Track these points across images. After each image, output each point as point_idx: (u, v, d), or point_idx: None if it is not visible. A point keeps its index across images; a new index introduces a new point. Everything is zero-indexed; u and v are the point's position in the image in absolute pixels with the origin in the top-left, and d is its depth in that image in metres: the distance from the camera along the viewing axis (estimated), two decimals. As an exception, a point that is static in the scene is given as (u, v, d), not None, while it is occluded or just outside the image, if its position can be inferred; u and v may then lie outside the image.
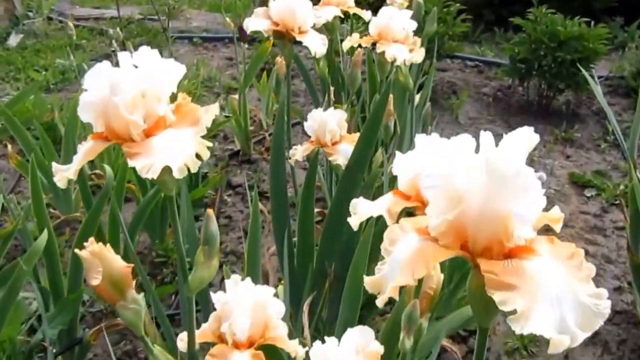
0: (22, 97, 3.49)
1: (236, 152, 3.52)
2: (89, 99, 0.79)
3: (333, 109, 1.80)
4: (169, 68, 0.82)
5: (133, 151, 0.76)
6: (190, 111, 0.80)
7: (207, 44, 5.32)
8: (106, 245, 0.91)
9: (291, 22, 1.70)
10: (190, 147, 0.75)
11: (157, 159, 0.74)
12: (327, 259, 1.82)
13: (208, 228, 0.92)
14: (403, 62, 1.62)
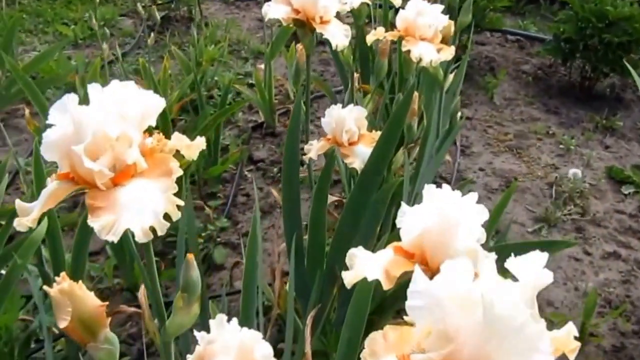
0: (46, 56, 3.44)
1: (260, 123, 3.42)
2: (52, 139, 0.69)
3: (360, 93, 1.67)
4: (146, 102, 0.72)
5: (96, 204, 0.66)
6: (164, 159, 0.70)
7: (239, 3, 5.16)
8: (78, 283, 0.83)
9: (312, 9, 1.55)
10: (159, 206, 0.65)
11: (120, 219, 0.64)
12: (338, 262, 1.73)
13: (188, 275, 0.83)
14: (430, 62, 1.48)
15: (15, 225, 0.72)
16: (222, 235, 2.64)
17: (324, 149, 1.65)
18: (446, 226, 0.75)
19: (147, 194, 0.67)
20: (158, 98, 0.73)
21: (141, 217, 0.65)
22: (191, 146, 0.77)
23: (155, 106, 0.73)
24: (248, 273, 1.37)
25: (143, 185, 0.68)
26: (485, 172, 3.15)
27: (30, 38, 4.35)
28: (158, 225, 0.65)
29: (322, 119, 1.67)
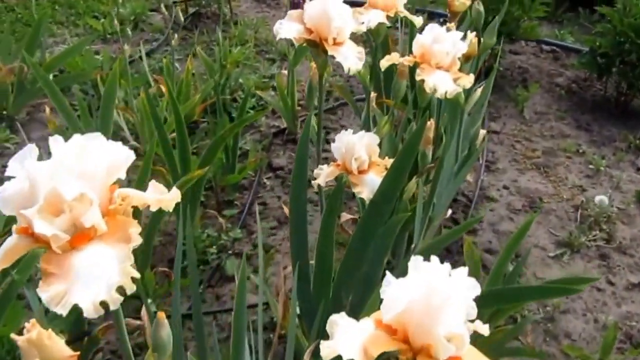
0: (72, 51, 3.45)
1: (282, 129, 3.37)
2: (8, 194, 0.66)
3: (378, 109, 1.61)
4: (110, 160, 0.68)
5: (49, 269, 0.63)
6: (124, 224, 0.66)
7: (270, 1, 5.11)
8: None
9: (325, 30, 1.49)
10: (113, 279, 0.61)
11: (71, 291, 0.60)
12: (344, 289, 1.68)
13: (158, 334, 0.79)
14: (444, 94, 1.40)
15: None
16: (236, 245, 2.60)
17: (333, 175, 1.59)
18: (431, 306, 0.69)
19: (103, 263, 0.63)
20: (126, 151, 0.69)
21: (93, 290, 0.61)
22: (162, 201, 0.72)
23: (124, 159, 0.69)
24: (235, 334, 1.33)
25: (100, 252, 0.64)
26: (509, 190, 3.05)
27: (61, 30, 4.39)
28: (110, 300, 0.61)
29: (332, 143, 1.61)
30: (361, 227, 1.58)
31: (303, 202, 1.66)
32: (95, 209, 0.64)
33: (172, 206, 0.77)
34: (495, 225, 2.81)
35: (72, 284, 0.61)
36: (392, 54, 1.55)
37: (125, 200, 0.68)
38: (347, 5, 1.52)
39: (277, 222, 2.77)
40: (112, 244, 0.64)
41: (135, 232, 0.64)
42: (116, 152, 0.68)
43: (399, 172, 1.47)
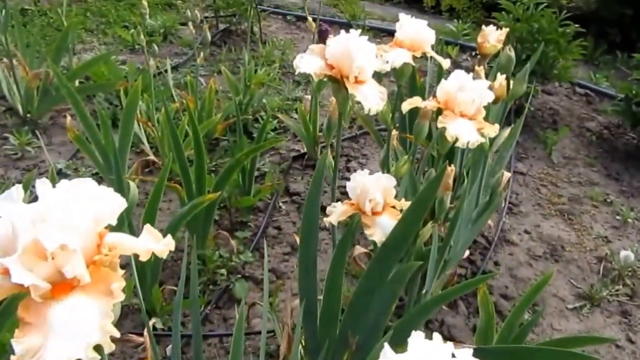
0: (98, 60, 3.46)
1: (302, 154, 3.33)
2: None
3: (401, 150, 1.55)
4: (99, 207, 0.63)
5: (26, 319, 0.58)
6: (107, 277, 0.61)
7: (300, 23, 5.11)
8: None
9: (347, 68, 1.43)
10: (92, 337, 0.57)
11: (46, 346, 0.56)
12: (352, 329, 1.61)
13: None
14: (467, 144, 1.34)
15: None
16: (247, 268, 2.55)
17: (346, 215, 1.53)
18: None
19: (82, 318, 0.58)
20: (117, 198, 0.65)
21: (69, 348, 0.56)
22: (153, 251, 0.68)
23: (114, 206, 0.64)
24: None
25: (79, 307, 0.59)
26: (530, 235, 2.96)
27: (90, 37, 4.42)
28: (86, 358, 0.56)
29: (347, 183, 1.56)
30: (371, 270, 1.52)
31: (314, 237, 1.61)
32: (78, 260, 0.60)
33: (165, 254, 0.72)
34: (514, 270, 2.72)
35: (48, 338, 0.56)
36: (414, 98, 1.49)
37: (112, 251, 0.63)
38: (371, 44, 1.48)
39: (290, 248, 2.72)
40: (94, 296, 0.59)
41: (118, 288, 0.59)
42: (106, 199, 0.64)
43: (414, 218, 1.40)
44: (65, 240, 0.59)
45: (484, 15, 5.60)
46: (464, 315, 2.45)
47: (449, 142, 1.41)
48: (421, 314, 1.52)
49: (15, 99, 3.25)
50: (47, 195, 0.62)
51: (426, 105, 1.45)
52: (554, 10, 3.66)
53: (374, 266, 1.50)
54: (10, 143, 3.09)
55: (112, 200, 0.64)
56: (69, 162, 3.05)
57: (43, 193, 0.62)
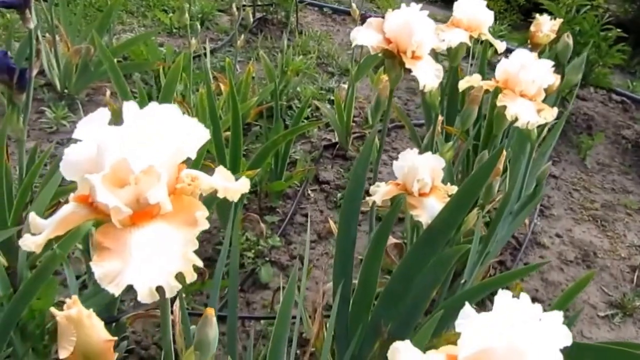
0: (139, 40, 3.48)
1: (333, 144, 3.31)
2: (73, 159, 0.60)
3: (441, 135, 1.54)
4: (186, 134, 0.62)
5: (104, 244, 0.56)
6: (190, 205, 0.59)
7: (336, 16, 5.09)
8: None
9: (405, 42, 1.42)
10: (174, 265, 0.55)
11: (126, 271, 0.54)
12: (384, 317, 1.58)
13: (204, 332, 0.72)
14: (526, 124, 1.31)
15: (20, 244, 0.63)
16: (273, 253, 2.54)
17: (391, 195, 1.51)
18: (515, 351, 0.60)
19: (163, 246, 0.56)
20: (202, 129, 0.63)
21: (149, 275, 0.54)
22: (229, 190, 0.66)
23: (198, 138, 0.63)
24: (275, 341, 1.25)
25: (161, 234, 0.57)
26: (562, 239, 2.90)
27: (130, 19, 4.45)
28: (167, 287, 0.54)
29: (394, 162, 1.53)
30: (413, 253, 1.49)
31: (354, 220, 1.58)
32: (162, 185, 0.58)
33: (237, 196, 0.71)
34: (544, 273, 2.67)
35: (128, 263, 0.55)
36: (473, 76, 1.47)
37: (194, 182, 0.62)
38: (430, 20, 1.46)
39: (317, 236, 2.70)
40: (176, 225, 0.58)
41: (202, 216, 0.58)
42: (192, 129, 0.62)
43: (464, 200, 1.37)
44: (152, 162, 0.58)
45: (520, 18, 5.54)
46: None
47: (505, 122, 1.38)
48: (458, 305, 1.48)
49: (54, 74, 3.27)
50: (134, 118, 0.60)
51: (484, 84, 1.42)
52: (596, 14, 3.61)
53: (416, 249, 1.47)
54: (47, 117, 3.11)
55: (196, 132, 0.62)
56: (103, 138, 3.07)
57: (130, 116, 0.60)
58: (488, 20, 1.57)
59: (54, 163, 2.09)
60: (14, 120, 1.94)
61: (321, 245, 2.63)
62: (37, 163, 2.05)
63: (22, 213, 2.00)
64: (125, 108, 0.61)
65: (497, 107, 1.37)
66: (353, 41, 1.48)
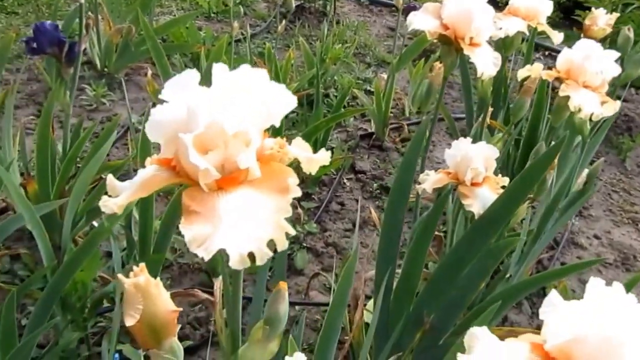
0: (178, 22, 3.49)
1: (369, 134, 3.28)
2: (160, 119, 0.59)
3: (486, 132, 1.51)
4: (275, 99, 0.60)
5: (192, 207, 0.55)
6: (281, 172, 0.58)
7: (372, 7, 5.05)
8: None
9: (464, 28, 1.39)
10: (266, 231, 0.53)
11: (217, 234, 0.53)
12: (427, 307, 1.56)
13: (275, 307, 0.71)
14: (589, 116, 1.28)
15: (100, 205, 0.62)
16: (309, 239, 2.53)
17: (441, 183, 1.48)
18: (610, 343, 0.57)
19: (254, 212, 0.55)
20: (290, 96, 0.61)
21: (240, 240, 0.52)
22: (312, 160, 0.64)
23: (285, 105, 0.61)
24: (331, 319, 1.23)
25: (251, 200, 0.56)
26: (600, 241, 2.84)
27: (169, 2, 4.46)
28: (259, 254, 0.53)
29: (446, 150, 1.50)
30: (461, 244, 1.47)
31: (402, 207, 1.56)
32: (252, 150, 0.57)
33: (317, 168, 0.69)
34: (583, 274, 2.61)
35: (218, 228, 0.53)
36: (534, 65, 1.43)
37: (283, 149, 0.60)
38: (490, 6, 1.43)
39: (351, 224, 2.68)
40: (266, 192, 0.56)
41: (293, 183, 0.56)
42: (281, 95, 0.60)
43: (519, 192, 1.34)
44: (243, 126, 0.56)
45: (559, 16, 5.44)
46: (528, 314, 2.38)
47: (565, 113, 1.35)
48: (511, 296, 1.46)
49: (95, 53, 3.29)
50: (225, 80, 0.59)
51: (545, 74, 1.38)
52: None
53: (466, 240, 1.44)
54: (87, 94, 3.14)
55: (284, 98, 0.61)
56: (141, 117, 3.08)
57: (219, 78, 0.59)
58: (547, 10, 1.53)
59: (99, 138, 2.11)
60: (61, 94, 1.95)
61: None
62: (81, 138, 2.06)
63: (65, 187, 2.02)
64: (215, 70, 0.59)
65: (558, 98, 1.33)
66: (409, 25, 1.45)
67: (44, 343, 1.78)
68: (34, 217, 1.58)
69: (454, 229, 1.85)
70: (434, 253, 2.25)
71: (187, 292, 1.99)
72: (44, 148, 1.95)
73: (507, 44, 1.58)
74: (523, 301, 2.42)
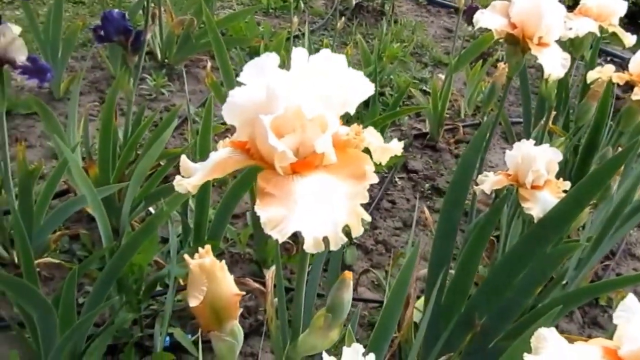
0: (238, 16, 3.54)
1: (423, 133, 3.25)
2: (239, 101, 0.60)
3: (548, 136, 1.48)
4: (353, 85, 0.60)
5: (267, 189, 0.56)
6: (357, 158, 0.58)
7: (430, 7, 5.00)
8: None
9: (533, 27, 1.36)
10: (341, 216, 0.53)
11: (292, 217, 0.53)
12: (480, 310, 1.54)
13: (340, 295, 0.71)
14: (664, 122, 1.23)
15: (174, 184, 0.64)
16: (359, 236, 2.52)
17: (501, 185, 1.46)
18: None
19: (330, 196, 0.55)
20: (368, 83, 0.61)
21: (316, 223, 0.53)
22: (386, 149, 0.64)
23: (362, 92, 0.61)
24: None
25: (327, 184, 0.56)
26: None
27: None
28: (333, 238, 0.53)
29: (507, 151, 1.48)
30: (518, 247, 1.44)
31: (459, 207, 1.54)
32: (329, 135, 0.57)
33: (387, 159, 0.69)
34: (638, 286, 2.52)
35: (294, 211, 0.54)
36: (605, 67, 1.39)
37: (358, 137, 0.60)
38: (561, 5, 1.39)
39: (402, 223, 2.66)
40: (342, 177, 0.56)
41: (370, 169, 0.56)
42: (359, 81, 0.61)
43: (582, 197, 1.31)
44: (321, 111, 0.57)
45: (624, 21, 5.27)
46: (579, 323, 2.31)
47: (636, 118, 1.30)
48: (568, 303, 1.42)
49: (156, 43, 3.37)
50: (304, 64, 0.59)
51: (617, 76, 1.34)
52: None
53: (523, 243, 1.41)
54: (147, 84, 3.22)
55: (362, 85, 0.61)
56: (198, 109, 3.14)
57: (299, 62, 0.59)
58: (621, 10, 1.48)
59: (159, 126, 2.16)
60: (126, 80, 2.01)
61: (406, 233, 2.60)
62: (142, 125, 2.12)
63: (124, 172, 2.08)
64: (294, 54, 0.60)
65: (629, 101, 1.29)
66: (476, 24, 1.43)
67: (98, 322, 1.83)
68: (96, 199, 1.63)
69: (508, 233, 1.81)
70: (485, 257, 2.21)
71: (239, 280, 2.02)
72: (106, 133, 2.01)
73: (575, 45, 1.54)
74: (574, 310, 2.35)
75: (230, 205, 1.91)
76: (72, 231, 2.06)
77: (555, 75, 1.34)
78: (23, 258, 1.49)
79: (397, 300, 1.24)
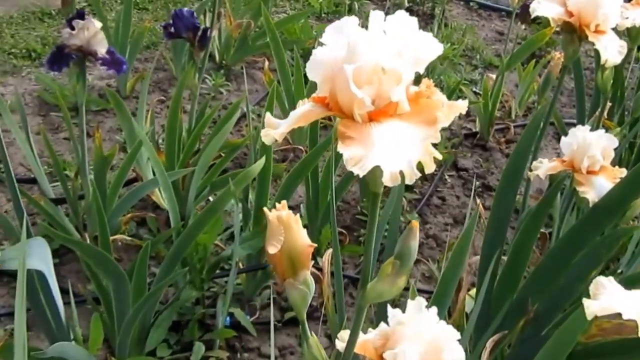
0: (293, 19, 3.66)
1: (473, 133, 3.28)
2: (321, 58, 0.67)
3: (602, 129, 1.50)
4: (424, 45, 0.67)
5: (347, 133, 0.63)
6: (429, 106, 0.65)
7: (482, 11, 5.01)
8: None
9: (590, 15, 1.40)
10: (415, 153, 0.60)
11: (371, 154, 0.60)
12: (533, 295, 1.57)
13: (407, 242, 0.77)
14: None
15: (262, 136, 0.72)
16: (409, 229, 2.57)
17: (555, 170, 1.49)
18: None
19: (403, 138, 0.62)
20: (437, 44, 0.68)
21: (393, 158, 0.60)
22: (453, 106, 0.70)
23: (432, 51, 0.68)
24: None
25: (400, 128, 0.63)
26: None
27: (283, 2, 4.66)
28: (408, 172, 0.60)
29: (562, 138, 1.51)
30: (573, 232, 1.46)
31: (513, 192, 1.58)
32: (403, 86, 0.64)
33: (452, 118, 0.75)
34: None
35: (372, 150, 0.61)
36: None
37: (429, 89, 0.67)
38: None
39: (452, 219, 2.70)
40: (415, 123, 0.63)
41: (441, 115, 0.63)
42: (429, 41, 0.67)
43: (637, 182, 1.33)
44: (397, 64, 0.64)
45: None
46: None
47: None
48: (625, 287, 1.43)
49: (214, 45, 3.51)
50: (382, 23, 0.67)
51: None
52: None
53: (578, 228, 1.44)
54: (206, 84, 3.35)
55: (432, 45, 0.67)
56: (254, 107, 3.25)
57: (376, 22, 0.67)
58: (682, 2, 1.49)
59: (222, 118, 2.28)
60: (192, 75, 2.12)
61: (456, 229, 2.63)
62: (206, 117, 2.24)
63: (189, 161, 2.20)
64: (372, 15, 0.67)
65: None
66: (532, 12, 1.47)
67: (163, 300, 1.94)
68: (166, 181, 1.74)
69: (561, 227, 1.83)
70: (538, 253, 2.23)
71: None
72: (173, 124, 2.13)
73: (632, 36, 1.56)
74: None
75: (286, 197, 2.00)
76: (141, 214, 2.19)
77: (611, 61, 1.37)
78: (100, 232, 1.61)
79: (450, 282, 1.29)
